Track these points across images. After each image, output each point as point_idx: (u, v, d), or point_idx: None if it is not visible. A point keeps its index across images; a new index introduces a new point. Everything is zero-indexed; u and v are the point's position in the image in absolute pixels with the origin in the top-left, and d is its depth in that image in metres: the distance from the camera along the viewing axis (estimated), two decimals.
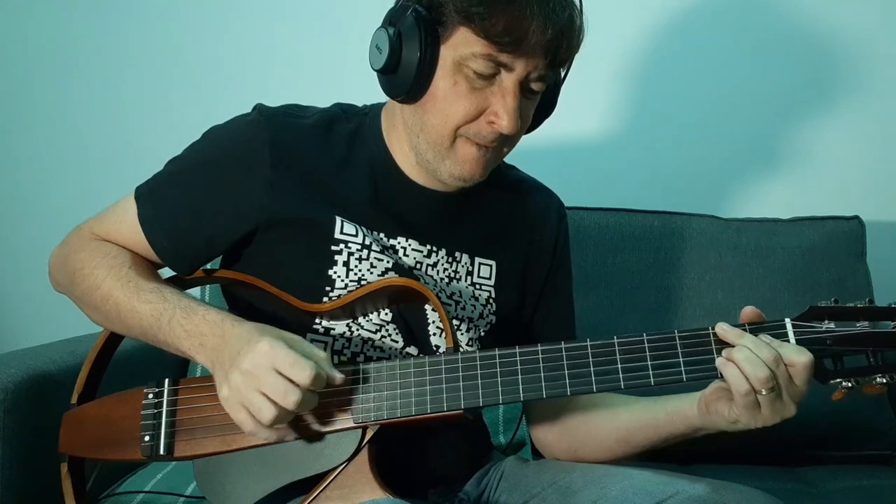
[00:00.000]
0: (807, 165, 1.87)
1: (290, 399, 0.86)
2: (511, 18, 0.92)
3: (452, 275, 1.09)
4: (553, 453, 1.14)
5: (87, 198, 1.90)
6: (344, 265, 1.02)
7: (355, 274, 1.02)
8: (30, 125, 1.98)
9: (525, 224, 1.15)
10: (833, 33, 1.85)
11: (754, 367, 0.86)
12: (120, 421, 1.02)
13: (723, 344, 0.90)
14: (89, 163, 1.96)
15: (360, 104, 1.14)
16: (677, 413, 0.99)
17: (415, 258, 1.06)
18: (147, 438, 0.99)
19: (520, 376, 0.91)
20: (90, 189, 1.91)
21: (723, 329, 0.90)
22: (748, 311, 0.92)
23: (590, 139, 1.89)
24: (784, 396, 0.89)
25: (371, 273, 1.03)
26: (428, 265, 1.07)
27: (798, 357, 0.87)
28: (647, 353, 0.90)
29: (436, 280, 1.07)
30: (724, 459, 1.55)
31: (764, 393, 0.87)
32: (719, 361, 0.89)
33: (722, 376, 0.89)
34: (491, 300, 1.11)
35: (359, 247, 1.03)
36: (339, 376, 0.91)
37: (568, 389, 0.91)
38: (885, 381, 0.88)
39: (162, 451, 0.98)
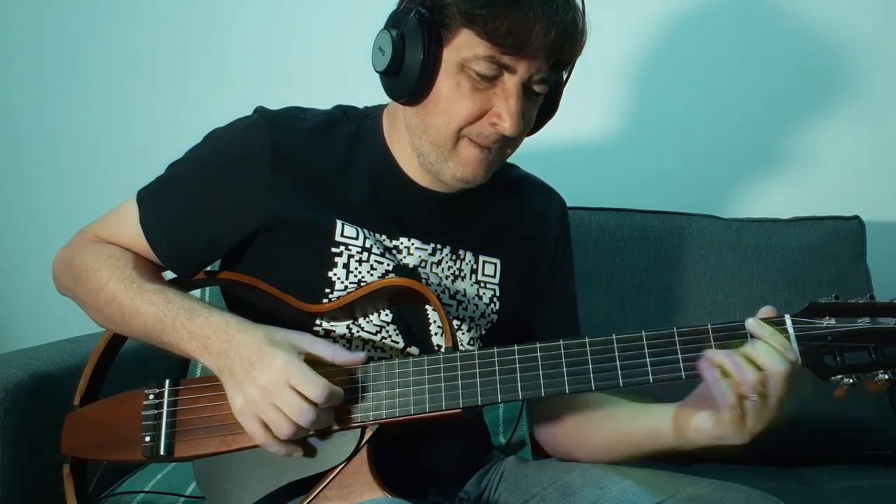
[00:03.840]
0: (807, 165, 1.87)
1: (306, 417, 0.88)
2: (514, 20, 0.92)
3: (457, 273, 1.09)
4: (551, 451, 1.16)
5: (88, 199, 1.90)
6: (344, 267, 1.02)
7: (355, 276, 1.02)
8: (31, 126, 1.98)
9: (527, 222, 1.15)
10: (833, 33, 1.85)
11: (741, 370, 0.86)
12: (121, 422, 1.02)
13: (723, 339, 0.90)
14: (90, 164, 1.96)
15: (361, 106, 1.14)
16: (655, 431, 1.00)
17: (419, 256, 1.06)
18: (147, 439, 0.99)
19: (518, 374, 0.91)
20: (91, 190, 1.92)
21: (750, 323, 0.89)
22: (766, 310, 0.92)
23: (590, 139, 1.89)
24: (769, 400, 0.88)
25: (371, 275, 1.03)
26: (432, 263, 1.07)
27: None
28: (646, 351, 0.90)
29: (440, 278, 1.07)
30: (724, 459, 1.54)
31: (752, 398, 0.87)
32: (664, 357, 0.89)
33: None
34: (495, 298, 1.11)
35: (359, 249, 1.03)
36: (361, 356, 0.94)
37: (567, 387, 0.90)
38: (887, 377, 0.87)
39: (162, 452, 0.99)
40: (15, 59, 1.97)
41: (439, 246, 1.08)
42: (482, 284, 1.10)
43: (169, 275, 1.11)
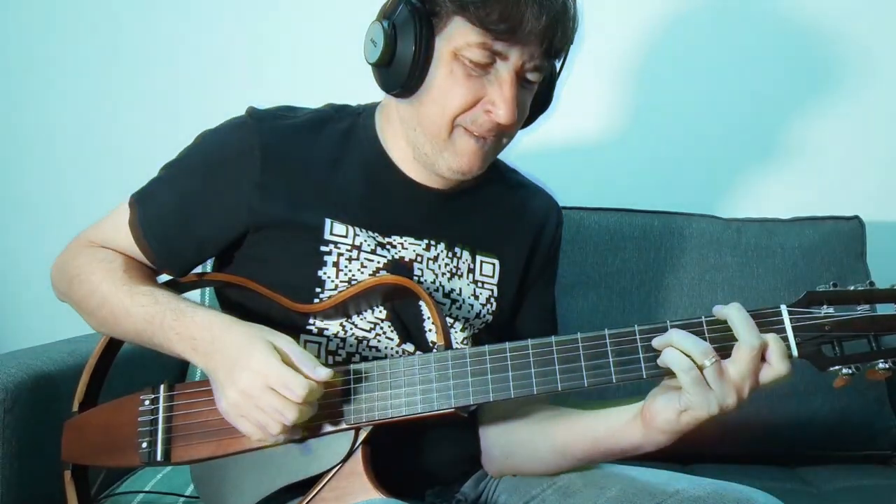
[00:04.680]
0: (807, 165, 1.87)
1: (289, 416, 0.88)
2: (505, 6, 0.92)
3: (454, 270, 1.08)
4: (488, 457, 1.11)
5: (88, 199, 1.90)
6: (334, 266, 1.02)
7: (345, 274, 1.02)
8: (30, 127, 1.98)
9: (528, 225, 1.15)
10: (833, 33, 1.85)
11: (692, 341, 0.85)
12: (118, 428, 1.02)
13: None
14: (90, 164, 1.96)
15: (354, 104, 1.14)
16: (618, 428, 0.95)
17: (414, 251, 1.06)
18: (144, 445, 0.99)
19: (510, 373, 0.91)
20: (91, 191, 1.91)
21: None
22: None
23: (590, 139, 1.89)
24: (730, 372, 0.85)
25: (362, 273, 1.02)
26: (428, 259, 1.07)
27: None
28: (639, 346, 0.88)
29: (436, 275, 1.07)
30: (724, 459, 1.55)
31: (708, 364, 0.84)
32: (660, 354, 0.87)
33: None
34: (492, 299, 1.11)
35: (349, 248, 1.03)
36: (323, 375, 0.89)
37: (559, 385, 0.89)
38: (887, 366, 0.84)
39: (159, 457, 0.99)
40: (13, 63, 1.97)
41: (433, 242, 1.07)
42: (480, 284, 1.10)
43: (164, 278, 1.11)
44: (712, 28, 1.87)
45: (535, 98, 1.04)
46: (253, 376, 0.88)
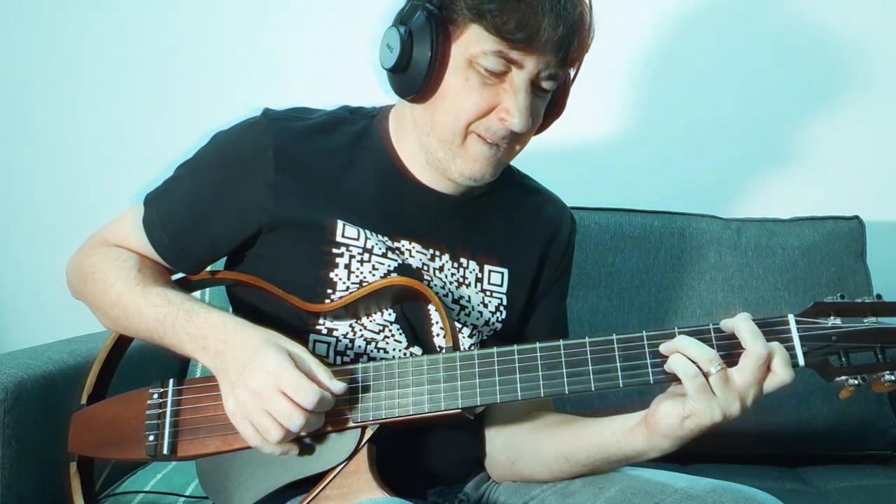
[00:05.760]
0: (807, 165, 1.88)
1: (295, 423, 0.88)
2: (523, 15, 0.92)
3: (461, 280, 1.08)
4: (493, 462, 1.11)
5: (88, 199, 1.91)
6: (345, 268, 1.02)
7: (357, 276, 1.02)
8: (31, 127, 1.98)
9: (540, 233, 1.14)
10: (834, 34, 1.86)
11: (699, 348, 0.85)
12: (126, 421, 1.02)
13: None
14: (90, 164, 1.96)
15: (369, 107, 1.14)
16: (623, 434, 0.94)
17: (420, 259, 1.06)
18: (151, 438, 0.99)
19: (517, 375, 0.91)
20: (92, 191, 1.92)
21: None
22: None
23: (590, 139, 1.89)
24: (736, 380, 0.85)
25: (373, 275, 1.02)
26: (435, 269, 1.07)
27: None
28: (647, 351, 0.88)
29: (444, 282, 1.07)
30: (724, 459, 1.55)
31: (713, 372, 0.84)
32: (666, 357, 0.87)
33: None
34: (502, 307, 1.10)
35: (360, 250, 1.03)
36: (339, 388, 0.90)
37: (566, 388, 0.90)
38: (893, 378, 0.85)
39: (166, 451, 0.99)
40: (20, 61, 1.96)
41: (438, 253, 1.07)
42: (488, 293, 1.09)
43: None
44: (713, 29, 1.87)
45: (549, 104, 1.04)
46: (266, 377, 0.88)
